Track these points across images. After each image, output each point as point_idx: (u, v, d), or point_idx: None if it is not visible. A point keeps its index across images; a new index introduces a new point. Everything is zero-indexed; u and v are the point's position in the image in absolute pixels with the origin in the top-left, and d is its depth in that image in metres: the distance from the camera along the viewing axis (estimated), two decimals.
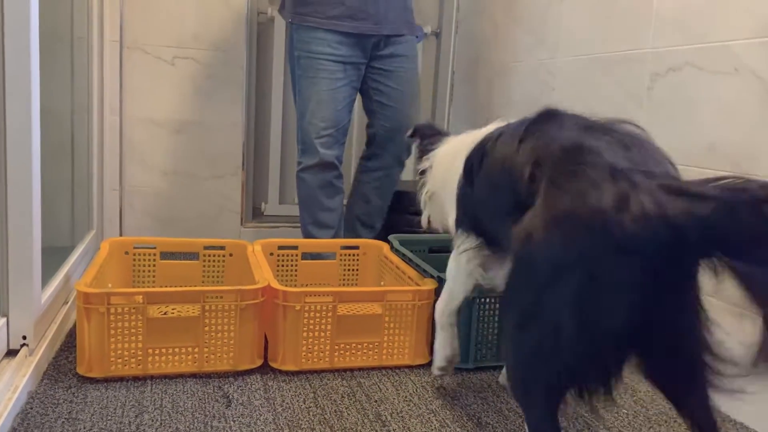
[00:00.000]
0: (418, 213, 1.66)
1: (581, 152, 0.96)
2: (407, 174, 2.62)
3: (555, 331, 0.94)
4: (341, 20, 2.17)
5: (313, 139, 2.22)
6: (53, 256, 1.74)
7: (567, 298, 0.91)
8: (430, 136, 1.64)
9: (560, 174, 0.96)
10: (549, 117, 1.10)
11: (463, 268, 1.42)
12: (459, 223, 1.40)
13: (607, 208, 0.87)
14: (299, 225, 2.43)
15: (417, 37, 2.41)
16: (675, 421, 1.44)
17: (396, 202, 2.50)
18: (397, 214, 2.51)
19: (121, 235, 2.64)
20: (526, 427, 1.07)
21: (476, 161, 1.28)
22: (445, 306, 1.49)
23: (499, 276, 1.36)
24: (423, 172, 1.60)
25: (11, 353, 1.42)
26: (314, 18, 2.17)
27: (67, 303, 1.80)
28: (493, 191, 1.21)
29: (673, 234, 0.83)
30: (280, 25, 2.77)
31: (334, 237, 2.33)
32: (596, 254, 0.88)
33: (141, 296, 1.48)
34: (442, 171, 1.52)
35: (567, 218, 0.91)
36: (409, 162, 2.50)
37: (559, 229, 0.92)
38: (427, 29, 2.96)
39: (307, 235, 2.32)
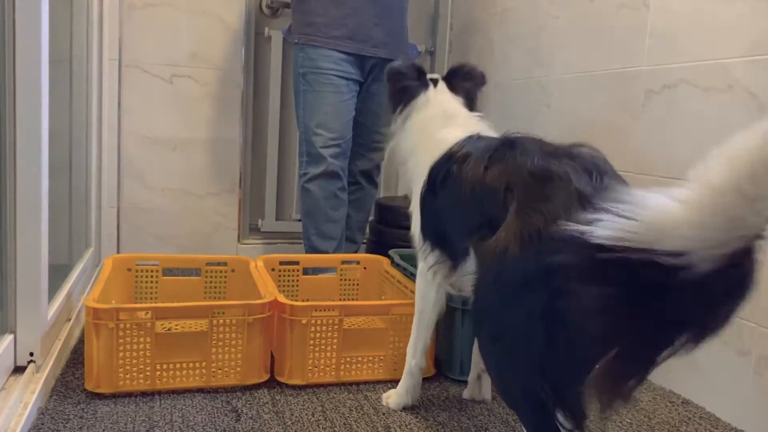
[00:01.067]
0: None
1: (551, 178, 1.03)
2: (392, 190, 2.62)
3: (526, 341, 1.01)
4: (343, 41, 2.26)
5: (320, 148, 2.27)
6: (52, 274, 1.74)
7: (536, 309, 0.98)
8: (412, 78, 1.60)
9: (532, 197, 1.04)
10: (510, 144, 1.19)
11: (432, 284, 1.47)
12: (423, 231, 1.45)
13: (576, 231, 0.91)
14: (296, 241, 2.44)
15: (411, 54, 2.47)
16: (678, 430, 1.47)
17: (386, 216, 2.54)
18: (388, 228, 2.54)
19: (118, 252, 2.63)
20: None
21: (440, 177, 1.35)
22: (419, 325, 1.52)
23: (463, 280, 1.39)
24: (401, 111, 1.59)
25: (18, 370, 1.41)
26: (320, 38, 2.25)
27: (70, 320, 1.80)
28: (460, 211, 1.28)
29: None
30: (277, 44, 2.80)
31: (337, 248, 2.36)
32: (563, 271, 0.93)
33: (150, 312, 1.49)
34: (414, 138, 1.54)
35: (539, 236, 0.98)
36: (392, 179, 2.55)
37: (532, 245, 0.99)
38: (421, 48, 3.01)
39: (311, 246, 2.35)
